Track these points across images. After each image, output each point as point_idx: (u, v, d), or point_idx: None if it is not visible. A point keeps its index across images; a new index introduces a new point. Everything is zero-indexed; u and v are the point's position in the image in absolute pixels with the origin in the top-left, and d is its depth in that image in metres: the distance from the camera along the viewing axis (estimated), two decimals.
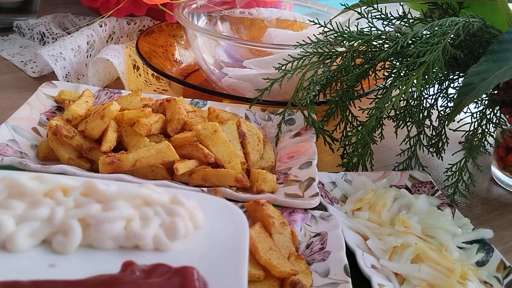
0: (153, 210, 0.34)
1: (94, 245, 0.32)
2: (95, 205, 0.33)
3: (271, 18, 0.95)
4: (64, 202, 0.33)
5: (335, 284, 0.43)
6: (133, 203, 0.34)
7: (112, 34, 0.88)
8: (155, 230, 0.32)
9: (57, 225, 0.31)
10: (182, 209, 0.34)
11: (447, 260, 0.48)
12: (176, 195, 0.35)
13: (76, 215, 0.32)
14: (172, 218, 0.33)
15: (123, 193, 0.34)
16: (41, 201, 0.32)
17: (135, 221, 0.33)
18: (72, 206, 0.33)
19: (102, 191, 0.33)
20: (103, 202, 0.33)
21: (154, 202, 0.34)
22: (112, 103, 0.56)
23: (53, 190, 0.34)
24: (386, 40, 0.63)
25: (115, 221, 0.32)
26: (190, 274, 0.29)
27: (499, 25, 0.63)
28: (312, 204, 0.51)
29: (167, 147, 0.53)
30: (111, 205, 0.33)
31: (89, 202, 0.33)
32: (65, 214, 0.32)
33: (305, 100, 0.63)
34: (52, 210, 0.32)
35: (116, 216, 0.32)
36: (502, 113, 0.65)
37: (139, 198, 0.34)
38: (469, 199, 0.66)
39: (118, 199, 0.33)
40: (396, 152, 0.70)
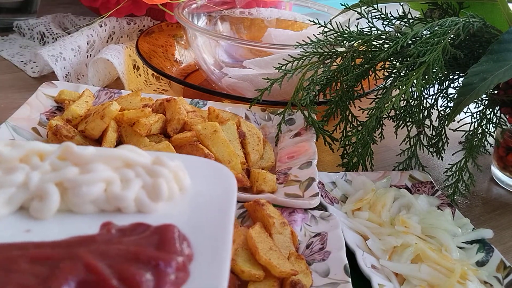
0: (134, 171, 0.32)
1: (74, 210, 0.30)
2: (72, 168, 0.31)
3: (271, 18, 0.95)
4: (40, 166, 0.31)
5: (335, 284, 0.43)
6: (113, 165, 0.32)
7: (112, 34, 0.88)
8: (136, 191, 0.31)
9: (33, 190, 0.30)
10: (166, 170, 0.33)
11: (447, 260, 0.48)
12: (159, 156, 0.34)
13: (53, 179, 0.30)
14: (155, 179, 0.32)
15: (102, 155, 0.32)
16: (16, 167, 0.31)
17: (115, 183, 0.31)
18: (49, 170, 0.31)
19: (80, 153, 0.32)
20: (81, 165, 0.32)
21: (135, 163, 0.33)
22: (112, 103, 0.56)
23: (28, 155, 0.32)
24: (386, 40, 0.63)
25: (94, 184, 0.30)
26: (169, 231, 0.28)
27: (499, 25, 0.63)
28: (312, 204, 0.51)
29: (167, 147, 0.53)
30: (89, 168, 0.31)
31: (66, 165, 0.31)
32: (41, 179, 0.30)
33: (305, 100, 0.63)
34: (28, 175, 0.30)
35: (94, 178, 0.31)
36: (502, 113, 0.65)
37: (119, 159, 0.33)
38: (469, 199, 0.66)
39: (97, 161, 0.32)
40: (396, 152, 0.70)
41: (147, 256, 0.26)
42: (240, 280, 0.42)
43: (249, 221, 0.50)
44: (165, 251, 0.27)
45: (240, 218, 0.50)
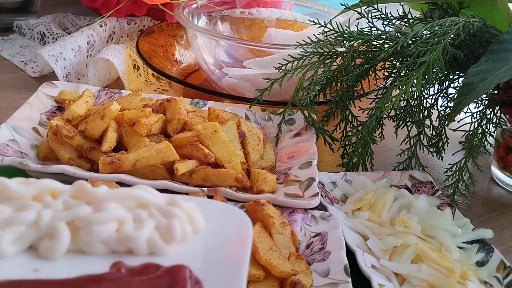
0: (148, 212, 0.32)
1: (84, 250, 0.30)
2: (85, 207, 0.30)
3: (271, 18, 0.95)
4: (52, 204, 0.30)
5: (335, 284, 0.43)
6: (126, 205, 0.31)
7: (112, 34, 0.88)
8: (149, 232, 0.30)
9: (44, 228, 0.29)
10: (180, 211, 0.32)
11: (447, 260, 0.48)
12: (173, 197, 0.33)
13: (64, 218, 0.30)
14: (168, 220, 0.31)
15: (115, 194, 0.32)
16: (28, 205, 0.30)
17: (128, 223, 0.30)
18: (61, 208, 0.30)
19: (93, 192, 0.31)
20: (94, 204, 0.31)
21: (149, 203, 0.32)
22: (112, 103, 0.56)
23: (41, 193, 0.31)
24: (386, 40, 0.63)
25: (106, 223, 0.30)
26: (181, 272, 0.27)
27: (499, 25, 0.63)
28: (312, 204, 0.51)
29: (167, 147, 0.53)
30: (102, 207, 0.30)
31: (79, 204, 0.31)
32: (52, 217, 0.30)
33: (305, 100, 0.63)
34: (39, 213, 0.30)
35: (107, 217, 0.30)
36: (502, 113, 0.65)
37: (133, 199, 0.32)
38: (469, 199, 0.66)
39: (110, 200, 0.31)
40: (396, 152, 0.70)
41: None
42: None
43: None
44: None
45: None
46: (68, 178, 0.51)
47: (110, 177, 0.50)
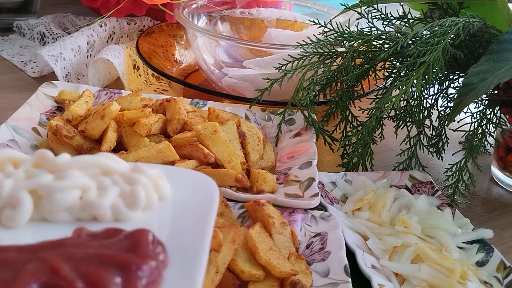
0: (111, 179, 0.31)
1: (48, 218, 0.29)
2: (47, 175, 0.30)
3: (271, 18, 0.95)
4: (14, 174, 0.30)
5: (335, 284, 0.43)
6: (89, 173, 0.31)
7: (112, 34, 0.88)
8: (113, 199, 0.30)
9: (5, 198, 0.29)
10: (144, 177, 0.32)
11: (447, 260, 0.48)
12: (137, 164, 0.33)
13: (26, 187, 0.29)
14: (132, 187, 0.31)
15: (78, 162, 0.31)
16: None
17: (91, 191, 0.30)
18: (23, 177, 0.30)
19: (55, 160, 0.31)
20: (56, 172, 0.31)
21: (112, 171, 0.32)
22: (112, 103, 0.56)
23: (2, 162, 0.31)
24: (386, 40, 0.63)
25: (69, 190, 0.29)
26: (143, 235, 0.27)
27: (499, 25, 0.63)
28: (312, 204, 0.51)
29: (167, 147, 0.53)
30: (64, 174, 0.30)
31: (41, 172, 0.30)
32: (13, 186, 0.29)
33: (305, 100, 0.63)
34: (0, 183, 0.29)
35: (69, 185, 0.29)
36: (502, 113, 0.65)
37: (96, 167, 0.32)
38: (469, 199, 0.66)
39: (72, 168, 0.31)
40: (396, 152, 0.70)
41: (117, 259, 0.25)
42: (240, 280, 0.42)
43: (249, 221, 0.50)
44: (137, 255, 0.26)
45: (240, 218, 0.50)
46: None
47: None
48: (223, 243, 0.40)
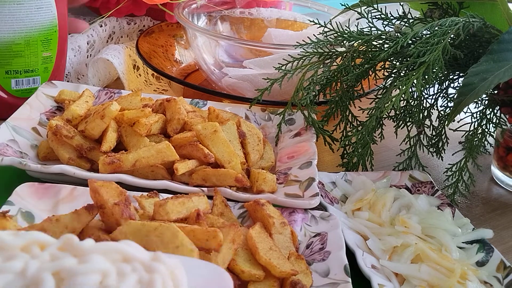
0: (131, 266, 0.32)
1: None
2: (70, 259, 0.31)
3: (271, 18, 0.95)
4: (39, 256, 0.32)
5: (335, 284, 0.43)
6: (110, 258, 0.32)
7: (112, 34, 0.88)
8: (131, 285, 0.31)
9: (30, 278, 0.30)
10: (163, 266, 0.33)
11: (447, 260, 0.48)
12: (157, 253, 0.34)
13: (50, 268, 0.31)
14: (151, 275, 0.32)
15: (100, 247, 0.33)
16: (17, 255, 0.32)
17: (111, 276, 0.31)
18: (48, 259, 0.32)
19: (79, 245, 0.32)
20: (80, 256, 0.32)
21: (133, 258, 0.33)
22: (112, 103, 0.56)
23: (30, 244, 0.33)
24: (386, 40, 0.63)
25: (90, 274, 0.30)
26: None
27: (499, 25, 0.63)
28: (312, 204, 0.51)
29: (167, 147, 0.53)
30: (86, 259, 0.31)
31: (65, 256, 0.32)
32: (38, 268, 0.31)
33: (305, 100, 0.63)
34: (26, 264, 0.31)
35: (90, 269, 0.31)
36: (502, 113, 0.65)
37: (117, 253, 0.33)
38: (469, 199, 0.66)
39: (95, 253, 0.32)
40: (396, 152, 0.70)
41: None
42: (240, 280, 0.42)
43: (249, 221, 0.50)
44: None
45: (240, 218, 0.50)
46: (68, 178, 0.51)
47: (110, 177, 0.50)
48: (223, 243, 0.40)
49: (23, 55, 0.65)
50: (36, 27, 0.65)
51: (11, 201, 0.45)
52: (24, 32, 0.64)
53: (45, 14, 0.65)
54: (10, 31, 0.63)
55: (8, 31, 0.63)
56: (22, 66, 0.66)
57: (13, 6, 0.62)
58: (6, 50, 0.64)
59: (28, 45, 0.65)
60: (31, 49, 0.66)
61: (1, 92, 0.66)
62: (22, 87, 0.67)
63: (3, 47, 0.64)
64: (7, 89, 0.66)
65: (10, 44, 0.64)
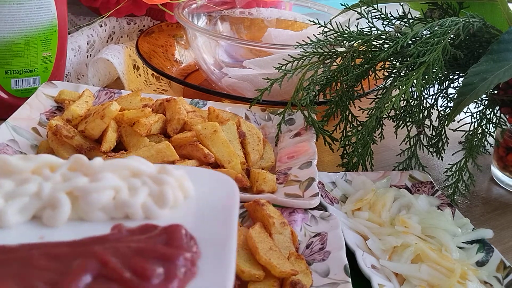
0: (141, 180, 0.34)
1: (84, 218, 0.32)
2: (82, 178, 0.33)
3: (271, 18, 0.94)
4: (51, 177, 0.33)
5: (335, 284, 0.43)
6: (120, 175, 0.34)
7: (112, 34, 0.88)
8: (143, 198, 0.33)
9: (46, 199, 0.32)
10: (171, 178, 0.34)
11: (447, 260, 0.48)
12: (164, 166, 0.36)
13: (64, 188, 0.32)
14: (161, 187, 0.34)
15: (110, 165, 0.34)
16: (29, 178, 0.33)
17: (123, 191, 0.33)
18: (60, 180, 0.33)
19: (89, 164, 0.34)
20: (90, 175, 0.33)
21: (141, 172, 0.34)
22: (112, 103, 0.56)
23: (40, 167, 0.34)
24: (386, 40, 0.63)
25: (103, 191, 0.32)
26: (177, 230, 0.30)
27: (499, 25, 0.63)
28: (312, 204, 0.51)
29: (167, 147, 0.53)
30: (98, 177, 0.33)
31: (76, 175, 0.33)
32: (52, 188, 0.32)
33: (305, 100, 0.63)
34: (40, 185, 0.32)
35: (103, 186, 0.32)
36: (502, 113, 0.65)
37: (126, 169, 0.34)
38: (469, 199, 0.66)
39: (105, 171, 0.33)
40: (396, 152, 0.70)
41: (157, 252, 0.28)
42: (240, 280, 0.42)
43: (249, 221, 0.50)
44: (174, 247, 0.29)
45: (240, 218, 0.50)
46: None
47: None
48: None
49: (23, 55, 0.65)
50: (36, 27, 0.65)
51: None
52: (24, 32, 0.64)
53: (44, 14, 0.65)
54: (10, 31, 0.63)
55: (8, 31, 0.63)
56: (22, 66, 0.66)
57: (13, 6, 0.62)
58: (6, 50, 0.64)
59: (28, 45, 0.65)
60: (31, 49, 0.66)
61: (1, 92, 0.66)
62: (22, 87, 0.67)
63: (3, 47, 0.64)
64: (7, 89, 0.66)
65: (10, 44, 0.64)
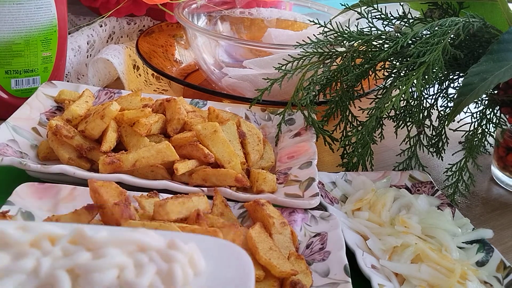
0: (148, 256, 0.31)
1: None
2: (84, 254, 0.30)
3: (271, 18, 0.95)
4: (51, 251, 0.30)
5: (335, 284, 0.43)
6: (126, 250, 0.31)
7: (112, 34, 0.88)
8: (150, 278, 0.30)
9: (44, 277, 0.29)
10: (180, 254, 0.32)
11: (447, 260, 0.48)
12: (173, 240, 0.33)
13: (64, 266, 0.29)
14: (169, 265, 0.31)
15: (114, 239, 0.31)
16: (27, 252, 0.30)
17: (128, 269, 0.30)
18: (60, 255, 0.30)
19: (91, 237, 0.31)
20: (93, 249, 0.31)
21: (149, 247, 0.32)
22: (112, 103, 0.56)
23: (39, 239, 0.31)
24: (386, 40, 0.63)
25: (107, 270, 0.29)
26: None
27: (499, 25, 0.63)
28: (312, 204, 0.51)
29: (167, 147, 0.53)
30: (101, 253, 0.30)
31: (78, 250, 0.30)
32: (52, 265, 0.29)
33: (305, 100, 0.63)
34: (38, 261, 0.29)
35: (107, 264, 0.29)
36: (502, 113, 0.65)
37: (133, 243, 0.32)
38: (469, 199, 0.66)
39: (109, 245, 0.31)
40: (396, 152, 0.70)
41: None
42: None
43: (249, 221, 0.50)
44: None
45: (240, 218, 0.50)
46: (68, 178, 0.51)
47: (110, 177, 0.50)
48: None
49: (23, 55, 0.65)
50: (36, 27, 0.65)
51: (11, 201, 0.45)
52: (24, 32, 0.64)
53: (44, 14, 0.65)
54: (10, 31, 0.63)
55: (8, 31, 0.63)
56: (22, 66, 0.66)
57: (13, 6, 0.62)
58: (6, 50, 0.64)
59: (28, 45, 0.65)
60: (31, 49, 0.66)
61: (1, 92, 0.66)
62: (22, 87, 0.67)
63: (3, 47, 0.64)
64: (7, 89, 0.66)
65: (10, 44, 0.64)
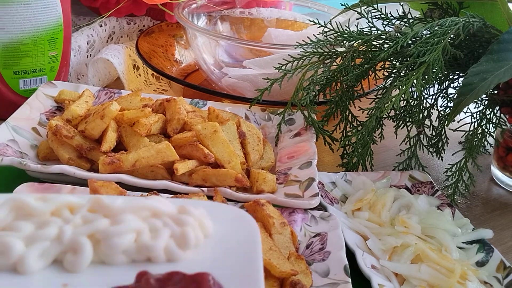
0: (162, 221, 0.33)
1: (106, 261, 0.31)
2: (103, 220, 0.32)
3: (271, 18, 0.95)
4: (71, 219, 0.32)
5: (335, 284, 0.43)
6: (141, 216, 0.33)
7: (112, 34, 0.88)
8: (165, 241, 0.32)
9: (67, 243, 0.31)
10: (191, 218, 0.34)
11: (447, 260, 0.48)
12: (184, 205, 0.35)
13: (85, 232, 0.31)
14: (182, 228, 0.33)
15: (130, 206, 0.33)
16: (49, 221, 0.32)
17: (144, 233, 0.32)
18: (80, 223, 0.32)
19: (109, 205, 0.33)
20: (111, 216, 0.33)
21: (162, 213, 0.34)
22: (112, 103, 0.56)
23: (59, 208, 0.33)
24: (386, 40, 0.63)
25: (125, 234, 0.31)
26: (205, 280, 0.29)
27: (499, 25, 0.63)
28: (312, 204, 0.51)
29: (167, 147, 0.53)
30: (119, 219, 0.32)
31: (97, 218, 0.32)
32: (73, 232, 0.31)
33: (305, 100, 0.63)
34: (61, 229, 0.31)
35: (125, 229, 0.32)
36: (502, 113, 0.65)
37: (147, 210, 0.34)
38: (469, 199, 0.66)
39: (125, 212, 0.33)
40: (396, 152, 0.70)
41: None
42: None
43: None
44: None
45: None
46: (68, 178, 0.51)
47: (110, 177, 0.50)
48: None
49: (31, 55, 0.66)
50: (42, 27, 0.65)
51: None
52: (32, 31, 0.65)
53: (51, 13, 0.66)
54: (19, 31, 0.64)
55: (17, 31, 0.64)
56: (30, 66, 0.66)
57: (20, 6, 0.63)
58: (14, 50, 0.65)
59: (35, 45, 0.65)
60: (38, 49, 0.66)
61: (10, 92, 0.66)
62: (30, 87, 0.67)
63: (11, 47, 0.64)
64: (16, 90, 0.66)
65: (18, 45, 0.64)
